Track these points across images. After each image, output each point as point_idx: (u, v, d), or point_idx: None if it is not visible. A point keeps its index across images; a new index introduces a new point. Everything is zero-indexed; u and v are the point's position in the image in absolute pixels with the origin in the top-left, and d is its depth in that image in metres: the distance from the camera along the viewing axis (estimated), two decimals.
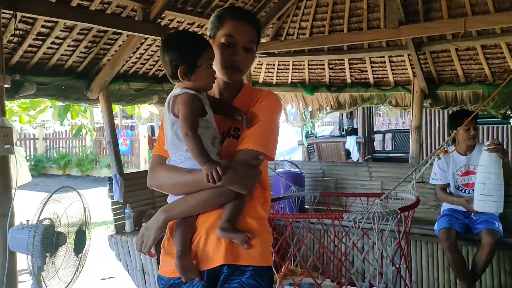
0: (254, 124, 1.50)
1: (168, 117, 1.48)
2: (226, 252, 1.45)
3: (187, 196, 1.48)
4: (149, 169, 1.57)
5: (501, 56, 4.26)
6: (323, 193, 3.34)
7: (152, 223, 1.51)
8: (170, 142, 1.49)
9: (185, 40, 1.49)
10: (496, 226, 3.33)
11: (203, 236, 1.48)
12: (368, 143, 9.57)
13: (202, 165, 1.41)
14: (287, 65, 5.36)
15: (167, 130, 1.50)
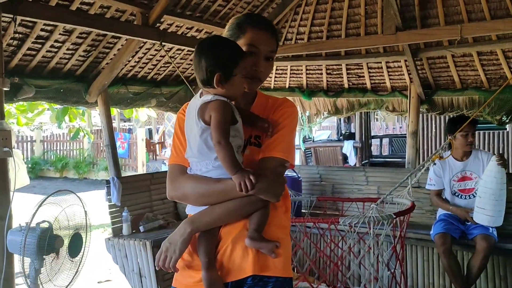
0: (277, 132, 1.49)
1: (197, 124, 1.43)
2: (254, 263, 1.42)
3: (214, 206, 1.44)
4: (170, 180, 1.51)
5: (496, 63, 4.30)
6: (320, 198, 3.36)
7: (177, 236, 1.45)
8: (197, 151, 1.45)
9: (224, 47, 1.45)
10: (490, 232, 3.36)
11: (229, 246, 1.45)
12: (365, 148, 9.61)
13: (234, 174, 1.38)
14: (285, 70, 5.38)
15: (192, 137, 1.46)
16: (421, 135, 8.64)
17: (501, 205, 3.25)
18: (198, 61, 1.44)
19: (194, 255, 1.48)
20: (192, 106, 1.49)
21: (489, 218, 3.28)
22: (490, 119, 4.52)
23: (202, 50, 1.45)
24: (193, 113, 1.45)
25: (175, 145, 1.56)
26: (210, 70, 1.42)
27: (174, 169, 1.52)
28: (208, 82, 1.43)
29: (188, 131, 1.48)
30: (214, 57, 1.43)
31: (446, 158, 3.63)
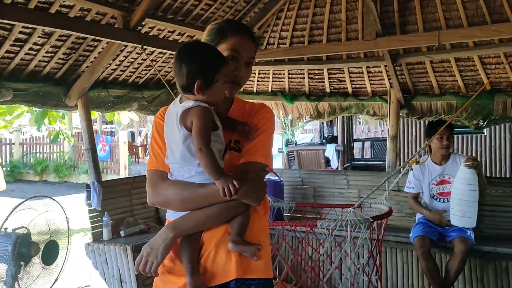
0: (257, 137, 1.51)
1: (179, 130, 1.42)
2: (237, 266, 1.43)
3: (196, 211, 1.44)
4: (151, 186, 1.49)
5: (473, 69, 4.39)
6: (299, 204, 3.38)
7: (158, 241, 1.45)
8: (180, 157, 1.44)
9: (205, 53, 1.45)
10: (468, 234, 3.43)
11: (212, 251, 1.46)
12: (347, 151, 9.69)
13: (217, 179, 1.39)
14: (268, 74, 5.41)
15: (174, 143, 1.45)
16: (401, 139, 8.76)
17: (469, 206, 3.31)
18: (178, 67, 1.43)
19: (176, 261, 1.48)
20: (172, 112, 1.48)
21: (458, 219, 3.37)
22: (468, 123, 4.62)
23: (183, 56, 1.44)
24: (174, 119, 1.44)
25: (154, 151, 1.54)
26: (191, 77, 1.42)
27: (154, 175, 1.50)
28: (189, 89, 1.43)
29: (169, 136, 1.48)
30: (195, 63, 1.43)
31: (422, 163, 3.70)
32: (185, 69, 1.42)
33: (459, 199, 3.34)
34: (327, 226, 2.31)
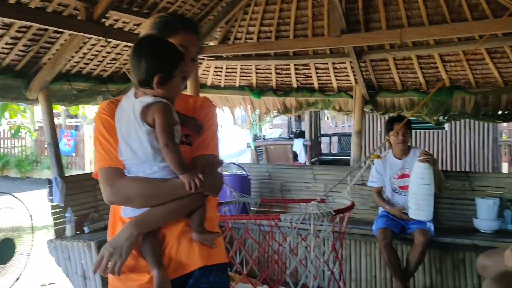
0: (205, 131, 1.54)
1: (140, 126, 1.41)
2: (201, 255, 1.49)
3: (159, 206, 1.44)
4: (108, 183, 1.44)
5: (434, 66, 4.54)
6: (264, 199, 3.42)
7: (121, 240, 1.42)
8: (142, 153, 1.43)
9: (165, 48, 1.45)
10: (427, 226, 3.55)
11: (175, 243, 1.48)
12: (315, 146, 9.81)
13: (182, 173, 1.41)
14: (235, 69, 5.41)
15: (133, 140, 1.43)
16: (367, 134, 8.95)
17: (424, 199, 3.44)
18: (137, 61, 1.43)
19: (138, 258, 1.47)
20: (126, 107, 1.46)
21: (414, 212, 3.50)
22: (429, 119, 4.77)
23: (142, 49, 1.44)
24: (131, 115, 1.43)
25: (104, 148, 1.48)
26: (150, 71, 1.41)
27: (109, 172, 1.46)
28: (147, 83, 1.43)
29: (125, 133, 1.45)
30: (155, 58, 1.42)
31: (383, 157, 3.81)
32: (144, 63, 1.42)
33: (414, 192, 3.47)
34: (290, 220, 2.33)
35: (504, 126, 10.61)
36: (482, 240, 3.53)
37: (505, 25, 3.31)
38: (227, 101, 5.80)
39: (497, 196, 3.80)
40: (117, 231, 1.48)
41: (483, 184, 3.93)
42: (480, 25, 3.64)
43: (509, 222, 3.69)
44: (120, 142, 1.46)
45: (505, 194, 3.80)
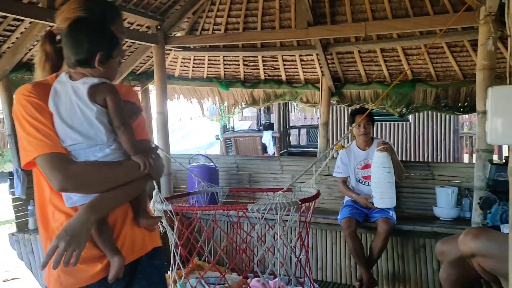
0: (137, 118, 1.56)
1: (90, 108, 1.37)
2: (149, 238, 1.55)
3: (113, 190, 1.41)
4: (59, 169, 1.33)
5: (397, 59, 4.65)
6: (232, 189, 3.43)
7: (78, 226, 1.33)
8: (94, 135, 1.38)
9: (105, 29, 1.45)
10: (390, 215, 3.66)
11: (123, 229, 1.49)
12: (284, 138, 9.90)
13: (136, 154, 1.42)
14: (203, 60, 5.38)
15: (79, 123, 1.38)
16: (334, 126, 9.11)
17: (386, 187, 3.55)
18: (75, 39, 1.40)
19: (88, 247, 1.40)
20: (62, 91, 1.41)
21: (378, 200, 3.61)
22: (392, 111, 4.89)
23: (81, 29, 1.41)
24: (73, 98, 1.39)
25: (42, 132, 1.36)
26: (91, 49, 1.39)
27: (57, 158, 1.35)
28: (87, 62, 1.41)
29: (67, 118, 1.38)
30: (97, 36, 1.42)
31: (347, 148, 3.90)
32: (85, 41, 1.40)
33: (376, 182, 3.58)
34: (257, 210, 2.36)
35: (465, 119, 10.99)
36: (441, 227, 3.68)
37: (463, 20, 3.42)
38: (195, 93, 5.77)
39: (455, 185, 3.95)
40: (57, 222, 1.40)
41: (442, 174, 4.07)
42: (440, 19, 3.75)
43: (467, 209, 3.84)
44: (61, 129, 1.38)
45: (463, 183, 3.95)
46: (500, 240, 2.02)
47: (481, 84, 3.03)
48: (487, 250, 2.02)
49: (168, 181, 4.49)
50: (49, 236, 1.42)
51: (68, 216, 1.39)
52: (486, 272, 2.10)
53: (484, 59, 2.99)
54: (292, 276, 2.59)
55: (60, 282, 1.40)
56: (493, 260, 1.99)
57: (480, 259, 2.06)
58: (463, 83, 4.53)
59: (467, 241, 2.12)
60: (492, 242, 2.05)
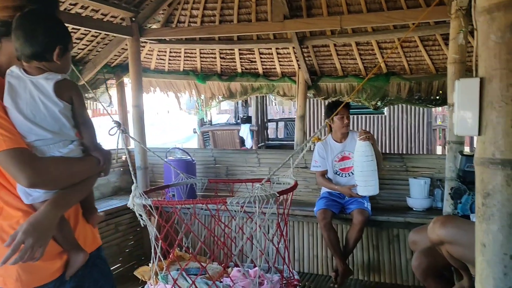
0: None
1: (56, 104, 1.37)
2: (97, 235, 1.62)
3: (75, 185, 1.43)
4: (27, 165, 1.30)
5: (372, 53, 4.72)
6: (211, 180, 3.43)
7: (45, 222, 1.32)
8: (58, 130, 1.37)
9: (60, 22, 1.43)
10: (365, 206, 3.73)
11: (77, 224, 1.51)
12: (262, 131, 9.93)
13: (96, 149, 1.45)
14: (179, 53, 5.34)
15: (43, 119, 1.36)
16: (311, 119, 9.18)
17: (369, 175, 3.62)
18: (31, 32, 1.35)
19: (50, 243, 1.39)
20: (19, 86, 1.37)
21: (363, 189, 3.68)
22: (367, 104, 4.97)
23: (37, 21, 1.37)
24: (34, 93, 1.36)
25: (5, 128, 1.31)
26: (49, 43, 1.37)
27: (23, 153, 1.31)
28: (43, 55, 1.38)
29: (29, 113, 1.35)
30: (54, 29, 1.40)
31: (323, 140, 3.95)
32: (42, 34, 1.36)
33: (360, 171, 3.64)
34: (237, 203, 2.38)
35: (438, 111, 11.23)
36: (414, 217, 3.77)
37: (435, 14, 3.49)
38: (172, 86, 5.72)
39: (428, 176, 4.05)
40: (11, 220, 1.36)
41: (416, 165, 4.16)
42: (413, 13, 3.81)
43: (439, 200, 3.94)
44: (22, 124, 1.35)
45: (436, 174, 4.05)
46: (467, 227, 2.09)
47: (452, 77, 3.10)
48: (454, 237, 2.09)
49: (144, 175, 4.45)
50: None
51: (26, 213, 1.35)
52: (455, 259, 2.17)
53: (455, 52, 3.06)
54: (272, 265, 2.63)
55: (20, 281, 1.35)
56: (460, 247, 2.06)
57: (448, 246, 2.13)
58: (435, 76, 4.63)
59: (436, 228, 2.19)
60: (459, 230, 2.11)
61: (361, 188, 3.68)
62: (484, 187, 1.15)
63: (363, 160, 3.61)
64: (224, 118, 13.67)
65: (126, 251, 4.36)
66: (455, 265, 2.22)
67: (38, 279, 1.38)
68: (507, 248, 1.13)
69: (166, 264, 2.62)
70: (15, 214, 1.36)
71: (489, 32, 1.11)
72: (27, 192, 1.36)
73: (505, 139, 1.10)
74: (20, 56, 1.37)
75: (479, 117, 1.14)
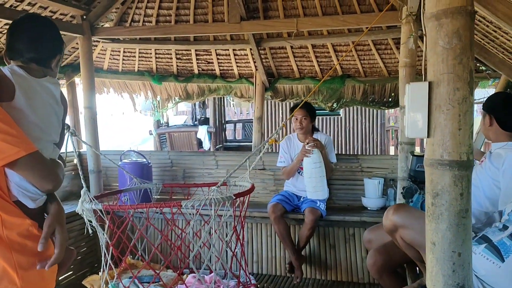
0: None
1: (59, 109, 1.46)
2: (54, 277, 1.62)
3: None
4: (49, 168, 1.33)
5: (328, 55, 4.80)
6: (166, 184, 3.36)
7: (64, 216, 1.42)
8: (58, 134, 1.45)
9: (59, 32, 1.52)
10: (317, 205, 3.78)
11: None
12: (220, 133, 9.88)
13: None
14: (134, 53, 5.21)
15: (53, 122, 1.42)
16: (269, 120, 9.24)
17: (317, 181, 3.69)
18: (38, 37, 1.42)
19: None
20: (31, 86, 1.37)
21: (311, 193, 3.76)
22: (324, 105, 5.05)
23: (43, 26, 1.44)
24: (46, 97, 1.41)
25: (18, 130, 1.25)
26: (53, 51, 1.45)
27: (43, 157, 1.33)
28: (45, 61, 1.43)
29: (43, 115, 1.39)
30: (58, 39, 1.47)
31: (280, 142, 3.97)
32: (48, 41, 1.44)
33: (308, 177, 3.72)
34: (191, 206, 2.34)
35: (391, 113, 11.60)
36: (369, 216, 3.86)
37: (387, 19, 3.59)
38: (126, 87, 5.58)
39: (382, 176, 4.16)
40: (20, 228, 1.30)
41: (370, 166, 4.27)
42: (366, 18, 3.91)
43: (392, 199, 4.06)
44: (35, 128, 1.35)
45: (389, 174, 4.17)
46: (417, 214, 2.19)
47: (403, 80, 3.21)
48: (407, 221, 2.18)
49: (97, 179, 4.30)
50: (9, 245, 1.26)
51: (32, 218, 1.33)
52: (408, 247, 2.24)
53: (406, 56, 3.17)
54: (228, 270, 2.61)
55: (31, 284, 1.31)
56: (412, 231, 2.14)
57: (401, 231, 2.21)
58: (388, 79, 4.77)
59: (389, 215, 2.26)
60: (411, 214, 2.21)
61: (310, 193, 3.76)
62: (434, 187, 1.19)
63: (311, 167, 3.68)
64: (182, 120, 13.48)
65: (78, 258, 4.19)
66: (409, 254, 2.29)
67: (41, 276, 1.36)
68: (455, 245, 1.17)
69: (117, 272, 2.53)
70: (20, 222, 1.30)
71: (437, 38, 1.14)
72: (35, 197, 1.35)
73: (452, 141, 1.13)
74: (17, 57, 1.39)
75: (428, 120, 1.17)
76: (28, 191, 1.32)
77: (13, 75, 1.33)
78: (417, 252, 2.22)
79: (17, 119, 1.26)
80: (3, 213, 1.27)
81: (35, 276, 1.28)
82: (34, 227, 1.31)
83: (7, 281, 1.23)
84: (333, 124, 9.24)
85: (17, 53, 1.38)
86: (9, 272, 1.23)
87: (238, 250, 2.71)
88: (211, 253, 2.67)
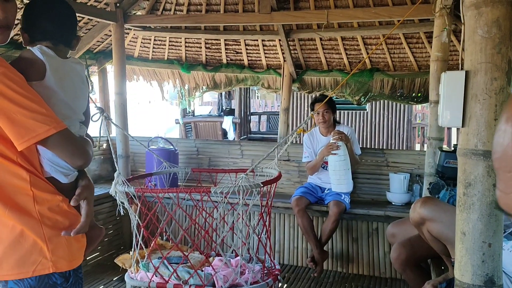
0: None
1: (86, 89, 1.51)
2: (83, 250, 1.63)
3: None
4: (80, 145, 1.37)
5: (357, 48, 4.76)
6: (194, 169, 3.42)
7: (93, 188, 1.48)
8: (81, 113, 1.49)
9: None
10: (342, 198, 3.78)
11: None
12: (244, 124, 9.93)
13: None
14: (164, 41, 5.28)
15: (81, 100, 1.48)
16: (295, 112, 9.22)
17: (342, 174, 3.70)
18: (70, 20, 1.46)
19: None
20: (61, 67, 1.41)
21: (336, 186, 3.78)
22: (351, 99, 5.02)
23: (69, 9, 1.46)
24: (75, 77, 1.46)
25: (48, 109, 1.26)
26: (75, 33, 1.49)
27: (72, 134, 1.35)
28: (71, 42, 1.48)
29: (72, 95, 1.44)
30: (76, 19, 1.51)
31: (308, 132, 3.99)
32: (74, 22, 1.48)
33: (333, 170, 3.73)
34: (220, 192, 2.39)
35: (418, 110, 11.42)
36: (393, 211, 3.84)
37: (420, 12, 3.53)
38: (155, 75, 5.66)
39: (408, 171, 4.12)
40: (51, 203, 1.34)
41: (396, 161, 4.24)
42: (399, 10, 3.86)
43: (417, 195, 4.02)
44: (65, 107, 1.40)
45: (415, 169, 4.13)
46: (446, 208, 2.17)
47: (434, 75, 3.16)
48: (435, 214, 2.16)
49: (126, 164, 4.41)
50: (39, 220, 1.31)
51: (63, 194, 1.38)
52: (435, 240, 2.23)
53: (438, 50, 3.12)
54: (254, 255, 2.65)
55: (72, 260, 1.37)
56: (440, 224, 2.13)
57: (428, 224, 2.19)
58: (418, 73, 4.70)
59: (417, 208, 2.25)
60: (439, 208, 2.19)
61: (334, 185, 3.77)
62: (466, 177, 1.19)
63: (335, 159, 3.69)
64: (207, 110, 13.59)
65: (105, 240, 4.32)
66: (435, 248, 2.28)
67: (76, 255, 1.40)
68: (485, 236, 1.17)
69: (147, 252, 2.61)
70: (51, 198, 1.35)
71: (476, 27, 1.14)
72: (67, 172, 1.40)
73: (487, 131, 1.13)
74: (44, 37, 1.39)
75: (463, 109, 1.17)
76: (60, 167, 1.37)
77: (44, 55, 1.36)
78: (443, 246, 2.20)
79: (47, 98, 1.31)
80: (35, 189, 1.32)
81: (64, 250, 1.33)
82: (64, 203, 1.35)
83: (37, 254, 1.28)
84: (359, 119, 9.16)
85: (45, 34, 1.38)
86: (39, 245, 1.28)
87: (263, 236, 2.75)
88: (238, 238, 2.72)
